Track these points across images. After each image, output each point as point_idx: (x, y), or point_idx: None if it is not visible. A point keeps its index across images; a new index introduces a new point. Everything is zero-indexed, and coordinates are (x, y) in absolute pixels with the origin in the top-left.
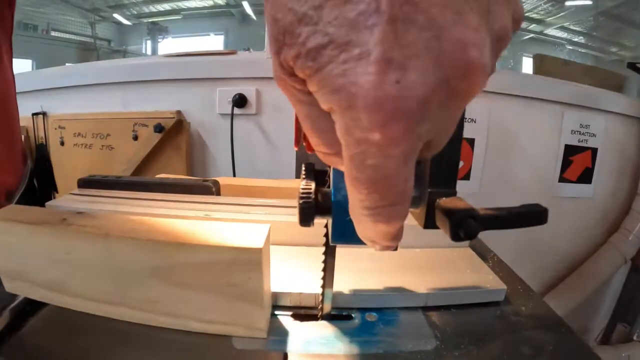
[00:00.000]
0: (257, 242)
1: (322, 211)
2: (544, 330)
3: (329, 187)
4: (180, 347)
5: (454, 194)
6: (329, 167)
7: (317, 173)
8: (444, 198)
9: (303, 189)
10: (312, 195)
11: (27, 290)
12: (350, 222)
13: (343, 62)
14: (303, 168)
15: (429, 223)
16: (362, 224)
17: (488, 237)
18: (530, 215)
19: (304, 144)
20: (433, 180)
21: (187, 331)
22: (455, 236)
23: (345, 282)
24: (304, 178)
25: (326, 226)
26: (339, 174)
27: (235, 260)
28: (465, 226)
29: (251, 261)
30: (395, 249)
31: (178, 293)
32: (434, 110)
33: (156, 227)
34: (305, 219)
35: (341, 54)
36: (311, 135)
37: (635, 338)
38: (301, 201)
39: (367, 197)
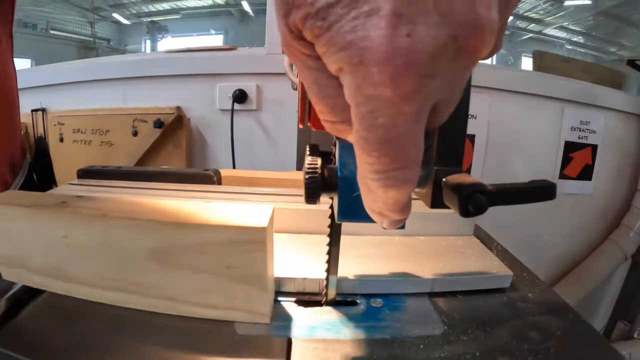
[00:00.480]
0: (261, 221)
1: (328, 187)
2: (552, 316)
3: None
4: (181, 333)
5: (460, 172)
6: (334, 146)
7: (321, 154)
8: (451, 175)
9: (309, 164)
10: (319, 171)
11: (24, 277)
12: (357, 198)
13: (353, 19)
14: (307, 148)
15: (436, 202)
16: (371, 192)
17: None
18: (539, 190)
19: (309, 124)
20: (439, 158)
21: (187, 317)
22: (465, 211)
23: (349, 268)
24: (309, 155)
25: (331, 207)
26: (345, 149)
27: (238, 241)
28: (474, 201)
29: (255, 241)
30: (403, 227)
31: (178, 276)
32: (443, 67)
33: (156, 208)
34: (311, 195)
35: (351, 11)
36: (318, 103)
37: (635, 336)
38: (307, 176)
39: (378, 160)
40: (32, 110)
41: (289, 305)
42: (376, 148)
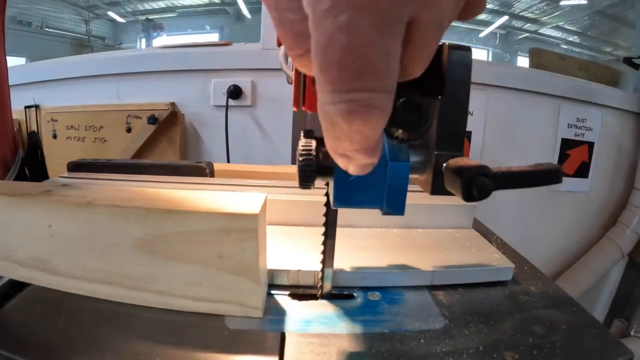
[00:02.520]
0: (253, 208)
1: (323, 171)
2: (556, 310)
3: None
4: (169, 328)
5: (461, 157)
6: None
7: (316, 139)
8: (452, 159)
9: (303, 146)
10: (313, 153)
11: (9, 270)
12: (354, 182)
13: None
14: (302, 133)
15: (437, 188)
16: (334, 125)
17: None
18: (545, 174)
19: (303, 107)
20: (439, 142)
21: (176, 311)
22: (468, 195)
23: (346, 260)
24: (303, 138)
25: (327, 194)
26: None
27: (229, 228)
28: (478, 184)
29: (246, 229)
30: (402, 213)
31: (166, 267)
32: None
33: (142, 196)
34: (305, 179)
35: None
36: (282, 32)
37: (632, 334)
38: (301, 159)
39: (338, 74)
40: (26, 107)
41: (282, 298)
42: (336, 58)
